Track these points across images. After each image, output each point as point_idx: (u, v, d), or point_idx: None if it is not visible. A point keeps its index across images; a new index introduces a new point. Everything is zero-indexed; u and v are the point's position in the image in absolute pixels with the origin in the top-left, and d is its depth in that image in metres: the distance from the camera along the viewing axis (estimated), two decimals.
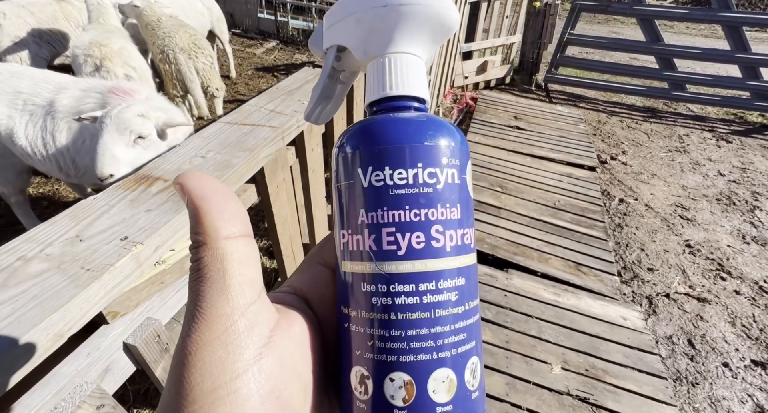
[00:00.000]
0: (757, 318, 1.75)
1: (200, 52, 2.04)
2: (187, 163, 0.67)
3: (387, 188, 0.16)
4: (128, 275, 0.45)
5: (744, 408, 1.39)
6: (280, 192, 0.94)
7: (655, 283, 1.94)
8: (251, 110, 0.91)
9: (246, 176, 0.74)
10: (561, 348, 1.53)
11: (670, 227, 2.36)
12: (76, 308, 0.38)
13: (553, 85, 4.27)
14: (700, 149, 3.28)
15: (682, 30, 8.00)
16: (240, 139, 0.78)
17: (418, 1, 0.18)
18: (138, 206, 0.53)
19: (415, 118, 0.18)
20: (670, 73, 3.84)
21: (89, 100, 1.26)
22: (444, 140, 0.17)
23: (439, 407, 0.15)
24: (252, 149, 0.75)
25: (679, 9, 3.91)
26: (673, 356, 1.58)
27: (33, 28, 2.05)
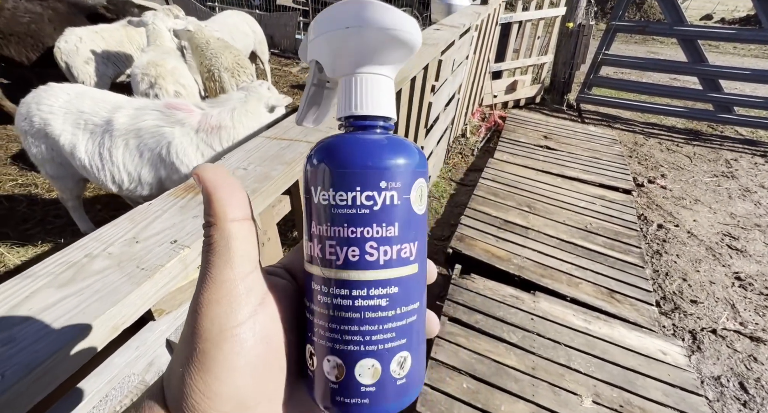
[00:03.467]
0: None
1: (242, 71, 2.20)
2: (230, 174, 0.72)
3: (330, 207, 0.19)
4: (175, 275, 0.49)
5: None
6: None
7: (699, 317, 1.79)
8: (290, 126, 0.96)
9: (283, 188, 0.78)
10: (592, 379, 1.43)
11: (717, 257, 2.18)
12: (131, 303, 0.42)
13: (585, 105, 4.18)
14: (751, 174, 3.05)
15: (728, 50, 7.62)
16: (279, 153, 0.83)
17: (377, 24, 0.19)
18: (186, 213, 0.57)
19: (370, 140, 0.20)
20: (716, 95, 3.65)
21: (147, 118, 1.39)
22: (389, 163, 0.19)
23: (363, 387, 0.19)
24: (289, 163, 0.79)
25: (726, 30, 3.74)
26: (722, 399, 1.44)
27: (103, 51, 2.31)
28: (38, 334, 0.37)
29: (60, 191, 1.69)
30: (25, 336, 0.37)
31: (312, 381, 0.19)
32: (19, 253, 1.79)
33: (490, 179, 2.69)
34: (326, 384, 0.19)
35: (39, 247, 1.83)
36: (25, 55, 2.57)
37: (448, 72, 2.20)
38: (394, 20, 0.19)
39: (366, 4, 0.19)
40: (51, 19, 2.59)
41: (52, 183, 1.71)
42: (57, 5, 2.64)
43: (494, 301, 1.74)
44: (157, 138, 1.40)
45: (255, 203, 0.68)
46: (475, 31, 2.68)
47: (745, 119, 3.68)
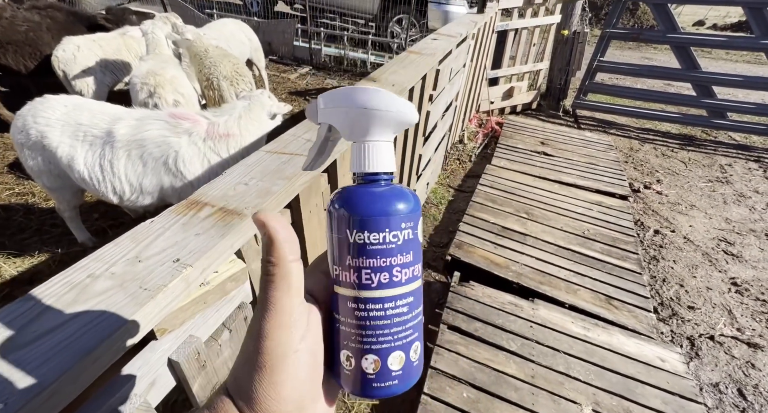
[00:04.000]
0: None
1: (241, 79, 2.21)
2: (231, 189, 0.72)
3: (365, 245, 0.24)
4: (178, 295, 0.49)
5: None
6: (311, 217, 0.99)
7: (697, 323, 1.80)
8: (290, 140, 0.97)
9: (284, 202, 0.79)
10: (591, 387, 1.44)
11: (713, 262, 2.20)
12: (134, 324, 0.42)
13: (581, 111, 4.22)
14: (745, 179, 3.09)
15: (721, 56, 7.73)
16: (279, 167, 0.84)
17: (388, 108, 0.25)
18: (189, 230, 0.58)
19: (384, 191, 0.25)
20: (709, 101, 3.70)
21: (151, 128, 1.40)
22: (403, 208, 0.25)
23: (394, 372, 0.24)
24: (290, 178, 0.80)
25: (718, 37, 3.80)
26: (721, 407, 1.44)
27: (101, 59, 2.32)
28: (44, 357, 0.37)
29: (57, 202, 1.69)
30: (30, 360, 0.37)
31: (349, 377, 0.25)
32: (16, 263, 1.77)
33: (487, 185, 2.70)
34: (364, 377, 0.24)
35: (36, 257, 1.82)
36: (22, 63, 2.57)
37: (446, 81, 2.23)
38: (399, 107, 0.25)
39: (382, 93, 0.25)
40: (49, 28, 2.59)
41: (49, 194, 1.70)
42: (55, 14, 2.65)
43: (493, 309, 1.74)
44: (163, 148, 1.41)
45: None
46: (471, 39, 2.71)
47: (739, 125, 3.73)
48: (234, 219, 0.63)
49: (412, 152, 1.94)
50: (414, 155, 2.01)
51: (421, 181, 2.42)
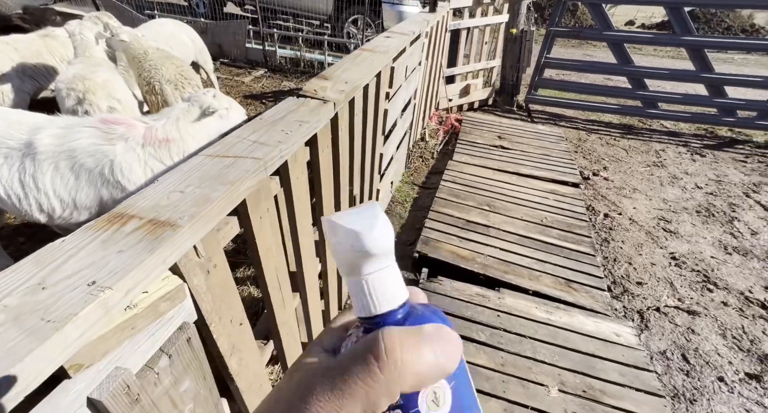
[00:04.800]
0: (746, 329, 1.76)
1: (187, 82, 2.07)
2: (164, 198, 0.66)
3: None
4: (95, 323, 0.43)
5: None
6: (263, 223, 0.93)
7: (644, 297, 1.95)
8: (234, 142, 0.91)
9: (227, 209, 0.73)
10: (557, 368, 1.50)
11: (655, 240, 2.40)
12: (31, 366, 0.36)
13: (534, 106, 4.44)
14: (677, 163, 3.41)
15: (650, 52, 8.51)
16: (221, 172, 0.78)
17: (375, 252, 0.21)
18: (110, 247, 0.51)
19: None
20: (642, 93, 4.05)
21: (80, 136, 1.26)
22: None
23: None
24: (233, 182, 0.75)
25: (646, 34, 4.17)
26: (669, 372, 1.57)
27: (17, 64, 2.06)
28: None
29: None
30: None
31: None
32: None
33: (450, 181, 2.76)
34: None
35: None
36: None
37: (402, 78, 2.23)
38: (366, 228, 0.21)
39: (344, 218, 0.21)
40: None
41: None
42: None
43: (462, 302, 1.77)
44: (96, 157, 1.27)
45: (195, 228, 0.62)
46: (425, 37, 2.75)
47: (669, 114, 4.11)
48: (166, 231, 0.57)
49: (372, 151, 1.92)
50: (375, 154, 1.99)
51: (385, 180, 2.41)
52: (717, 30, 10.02)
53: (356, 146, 1.57)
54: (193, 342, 0.63)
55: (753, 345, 1.68)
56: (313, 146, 1.17)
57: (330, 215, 0.22)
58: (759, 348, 1.66)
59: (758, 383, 1.51)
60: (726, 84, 3.74)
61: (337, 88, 1.30)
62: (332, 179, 1.39)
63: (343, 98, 1.26)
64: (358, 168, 1.69)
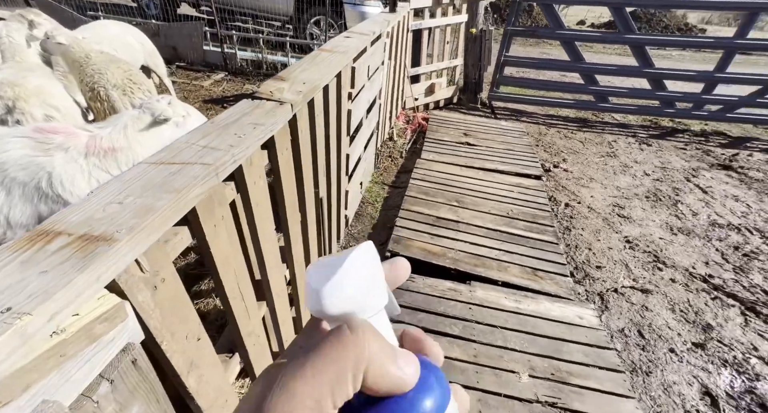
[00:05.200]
0: (691, 303, 1.92)
1: (136, 88, 1.95)
2: (100, 211, 0.61)
3: None
4: (10, 354, 0.39)
5: (692, 390, 1.49)
6: (219, 231, 0.89)
7: (604, 280, 2.07)
8: (182, 148, 0.87)
9: (173, 219, 0.70)
10: (526, 355, 1.56)
11: (611, 225, 2.56)
12: None
13: (496, 103, 4.60)
14: (627, 152, 3.66)
15: (600, 50, 9.07)
16: (166, 179, 0.74)
17: (334, 312, 0.19)
18: (30, 269, 0.47)
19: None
20: (594, 88, 4.31)
21: (11, 147, 1.15)
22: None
23: None
24: (179, 190, 0.71)
25: (594, 33, 4.44)
26: (627, 348, 1.68)
27: None
28: None
29: None
30: None
31: None
32: None
33: (419, 179, 2.79)
34: None
35: None
36: None
37: (365, 78, 2.23)
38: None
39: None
40: None
41: None
42: None
43: (434, 297, 1.79)
44: (31, 170, 1.17)
45: (135, 241, 0.59)
46: (387, 37, 2.76)
47: (618, 107, 4.40)
48: (100, 246, 0.53)
49: (338, 152, 1.90)
50: (341, 156, 1.98)
51: (353, 181, 2.40)
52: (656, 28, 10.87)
53: (319, 147, 1.55)
54: (140, 364, 0.60)
55: (697, 316, 1.84)
56: (271, 149, 1.14)
57: (312, 263, 0.20)
58: (702, 318, 1.82)
59: (703, 350, 1.65)
60: (665, 78, 4.06)
61: (295, 89, 1.27)
62: (295, 182, 1.37)
63: (301, 99, 1.24)
64: (323, 170, 1.67)
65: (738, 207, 2.79)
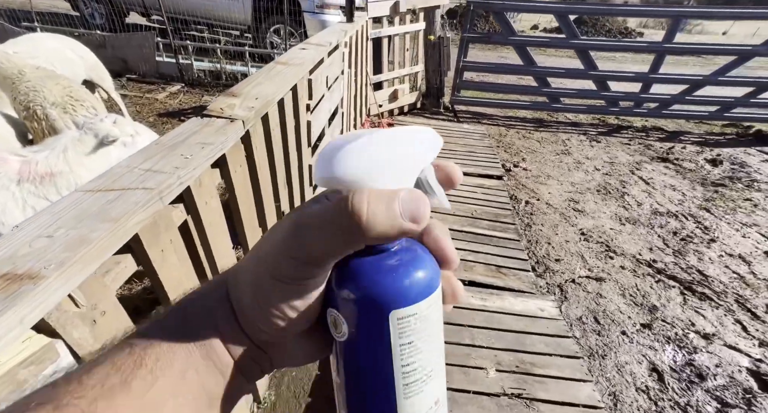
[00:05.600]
0: (639, 287, 2.08)
1: (78, 105, 1.84)
2: (25, 247, 0.58)
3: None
4: None
5: (641, 367, 1.62)
6: (167, 256, 0.87)
7: (563, 272, 2.20)
8: (122, 172, 0.84)
9: (111, 250, 0.67)
10: (493, 350, 1.62)
11: (567, 219, 2.72)
12: None
13: (458, 106, 4.76)
14: (579, 149, 3.91)
15: (553, 53, 9.64)
16: (103, 208, 0.71)
17: (345, 178, 0.19)
18: None
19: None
20: (547, 89, 4.58)
21: None
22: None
23: None
24: (117, 219, 0.69)
25: (543, 38, 4.73)
26: (585, 335, 1.79)
27: None
28: None
29: None
30: None
31: None
32: None
33: None
34: None
35: None
36: None
37: (324, 89, 2.24)
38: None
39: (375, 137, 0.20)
40: None
41: None
42: None
43: None
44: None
45: (67, 276, 0.56)
46: (345, 47, 2.79)
47: (569, 107, 4.71)
48: (24, 286, 0.51)
49: (299, 164, 1.90)
50: (303, 167, 1.97)
51: (319, 191, 2.39)
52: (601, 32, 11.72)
53: (278, 161, 1.54)
54: None
55: (644, 299, 2.00)
56: (223, 168, 1.12)
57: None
58: (648, 300, 1.98)
59: (650, 330, 1.80)
60: (608, 79, 4.39)
61: (247, 105, 1.26)
62: (252, 198, 1.35)
63: (254, 115, 1.24)
64: (283, 183, 1.66)
65: (675, 196, 3.06)
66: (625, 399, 1.50)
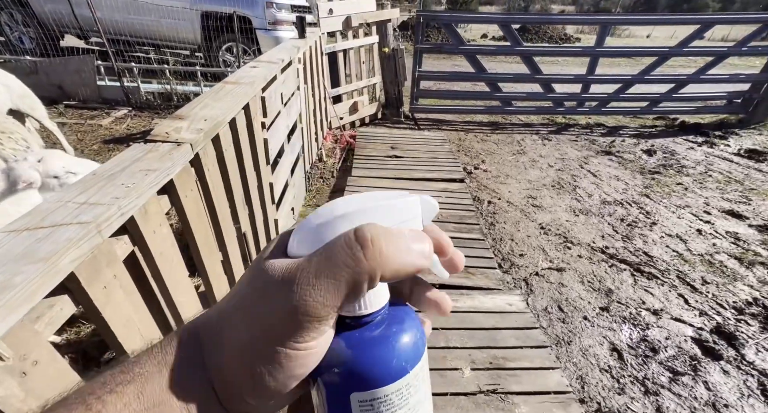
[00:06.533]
0: (595, 273, 2.23)
1: (6, 137, 1.70)
2: None
3: None
4: None
5: (603, 349, 1.73)
6: (112, 292, 0.82)
7: (527, 266, 2.31)
8: (53, 208, 0.79)
9: (41, 293, 0.63)
10: (467, 350, 1.66)
11: (527, 215, 2.87)
12: None
13: (418, 114, 4.90)
14: (533, 148, 4.16)
15: (503, 60, 10.23)
16: (30, 248, 0.66)
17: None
18: None
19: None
20: (498, 94, 4.85)
21: None
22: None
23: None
24: (48, 258, 0.64)
25: (490, 46, 5.02)
26: (551, 324, 1.88)
27: None
28: None
29: None
30: None
31: None
32: None
33: None
34: None
35: None
36: None
37: (279, 106, 2.23)
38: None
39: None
40: None
41: None
42: None
43: None
44: None
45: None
46: (299, 63, 2.81)
47: (521, 109, 5.00)
48: None
49: (258, 182, 1.86)
50: (263, 185, 1.93)
51: (283, 208, 2.36)
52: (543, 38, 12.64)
53: (233, 182, 1.50)
54: None
55: (600, 283, 2.14)
56: (172, 194, 1.08)
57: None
58: (604, 285, 2.13)
59: (608, 313, 1.93)
60: (552, 82, 4.73)
61: (195, 127, 1.23)
62: (208, 222, 1.31)
63: (202, 138, 1.21)
64: (242, 204, 1.62)
65: (620, 185, 3.33)
66: (590, 380, 1.58)
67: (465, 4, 18.49)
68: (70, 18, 4.26)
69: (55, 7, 4.42)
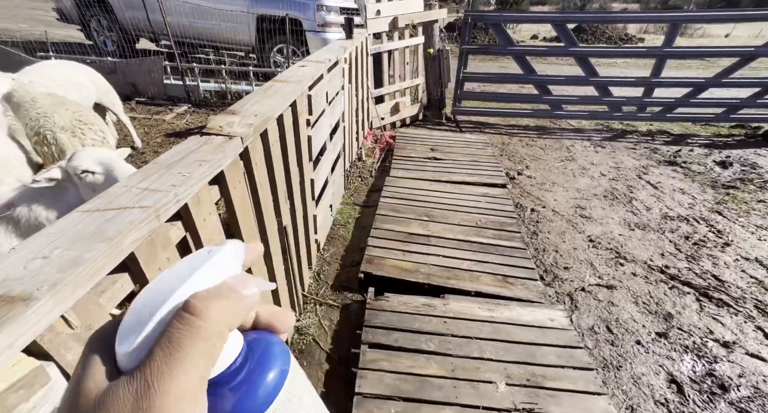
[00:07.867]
0: (652, 294, 2.01)
1: (87, 128, 1.91)
2: (20, 268, 0.59)
3: None
4: None
5: (659, 379, 1.54)
6: None
7: (572, 280, 2.14)
8: (119, 192, 0.85)
9: (106, 269, 0.68)
10: (503, 363, 1.57)
11: (574, 226, 2.67)
12: None
13: (460, 117, 4.79)
14: (584, 155, 3.88)
15: (554, 61, 9.71)
16: (99, 228, 0.72)
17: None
18: None
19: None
20: (548, 97, 4.59)
21: None
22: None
23: None
24: (113, 238, 0.70)
25: (541, 47, 4.77)
26: (598, 345, 1.72)
27: None
28: None
29: None
30: None
31: None
32: None
33: (389, 196, 2.83)
34: None
35: None
36: None
37: (324, 104, 2.28)
38: None
39: None
40: None
41: None
42: None
43: (409, 315, 1.79)
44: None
45: (60, 298, 0.57)
46: (345, 63, 2.86)
47: (572, 113, 4.69)
48: (15, 308, 0.51)
49: (300, 178, 1.91)
50: (305, 181, 1.99)
51: (322, 205, 2.40)
52: (601, 39, 11.79)
53: (278, 176, 1.55)
54: None
55: (658, 306, 1.93)
56: (222, 184, 1.14)
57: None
58: (663, 308, 1.91)
59: (666, 339, 1.73)
60: (609, 85, 4.38)
61: (246, 122, 1.29)
62: (253, 214, 1.36)
63: (252, 132, 1.26)
64: (284, 198, 1.67)
65: (685, 199, 2.99)
66: (643, 412, 1.43)
67: (515, 4, 17.81)
68: (145, 23, 4.71)
69: (134, 13, 4.94)
